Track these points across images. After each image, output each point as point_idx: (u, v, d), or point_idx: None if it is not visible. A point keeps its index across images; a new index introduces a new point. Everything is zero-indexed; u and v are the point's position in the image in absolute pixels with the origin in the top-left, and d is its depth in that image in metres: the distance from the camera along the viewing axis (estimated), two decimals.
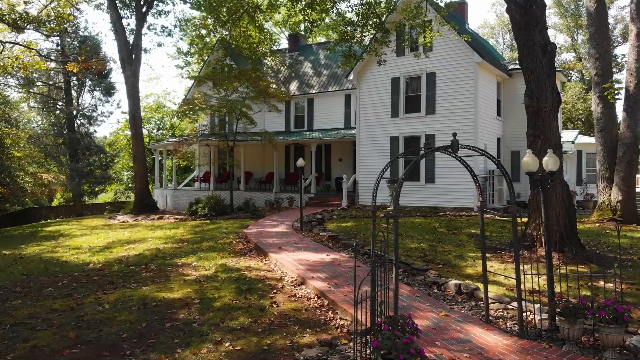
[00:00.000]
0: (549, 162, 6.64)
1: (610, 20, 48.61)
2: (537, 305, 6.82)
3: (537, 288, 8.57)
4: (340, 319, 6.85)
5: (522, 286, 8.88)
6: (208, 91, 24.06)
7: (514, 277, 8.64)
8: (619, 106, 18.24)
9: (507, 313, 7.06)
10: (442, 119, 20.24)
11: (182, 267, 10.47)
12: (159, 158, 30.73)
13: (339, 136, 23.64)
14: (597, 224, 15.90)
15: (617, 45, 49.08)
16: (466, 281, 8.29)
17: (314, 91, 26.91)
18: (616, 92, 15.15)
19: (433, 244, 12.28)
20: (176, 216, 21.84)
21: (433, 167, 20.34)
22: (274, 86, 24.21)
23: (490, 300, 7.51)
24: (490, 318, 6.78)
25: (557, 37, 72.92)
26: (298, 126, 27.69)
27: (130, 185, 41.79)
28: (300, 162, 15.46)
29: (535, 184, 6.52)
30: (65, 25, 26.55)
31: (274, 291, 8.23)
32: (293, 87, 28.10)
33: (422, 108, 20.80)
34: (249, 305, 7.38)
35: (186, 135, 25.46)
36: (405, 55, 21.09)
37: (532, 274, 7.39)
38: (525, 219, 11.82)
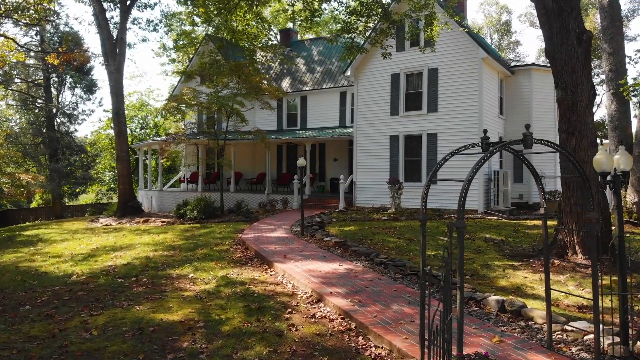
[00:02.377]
0: (621, 160, 5.67)
1: (598, 19, 48.26)
2: (601, 327, 5.86)
3: (584, 303, 7.64)
4: (375, 346, 5.78)
5: (567, 301, 7.95)
6: (197, 87, 22.86)
7: (559, 290, 7.68)
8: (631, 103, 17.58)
9: (567, 336, 6.07)
10: (445, 116, 19.31)
11: (177, 279, 9.31)
12: (143, 158, 29.40)
13: (335, 135, 22.56)
14: (613, 227, 15.08)
15: None
16: (510, 297, 7.29)
17: (307, 88, 25.82)
18: (631, 88, 14.37)
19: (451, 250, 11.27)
20: (163, 219, 20.61)
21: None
22: (265, 82, 23.05)
23: (542, 321, 6.53)
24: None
25: None
26: (290, 125, 26.58)
27: (112, 186, 40.28)
28: (302, 161, 14.36)
29: (608, 186, 5.52)
30: (45, 13, 25.05)
31: (289, 310, 7.13)
32: (285, 84, 26.99)
33: (423, 105, 19.84)
34: (263, 330, 6.27)
35: (173, 133, 24.15)
36: (405, 50, 20.12)
37: (606, 294, 6.37)
38: (538, 222, 10.90)
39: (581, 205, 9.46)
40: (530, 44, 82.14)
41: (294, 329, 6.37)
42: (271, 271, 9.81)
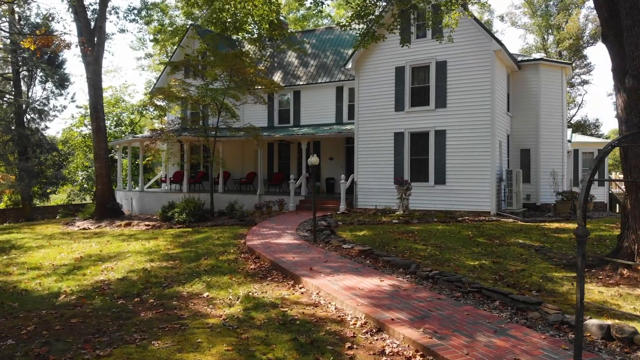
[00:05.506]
0: None
1: (581, 19, 48.19)
2: None
3: None
4: None
5: None
6: (185, 80, 21.16)
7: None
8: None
9: None
10: (455, 113, 18.08)
11: (190, 299, 7.77)
12: (122, 156, 27.53)
13: (334, 132, 21.12)
14: None
15: (587, 46, 48.57)
16: (616, 321, 6.01)
17: (300, 83, 24.34)
18: None
19: (494, 259, 10.00)
20: (147, 223, 18.92)
21: (444, 167, 18.16)
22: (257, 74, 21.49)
23: None
24: None
25: (528, 37, 72.95)
26: (283, 121, 25.07)
27: (85, 186, 38.15)
28: (314, 159, 12.89)
29: None
30: None
31: (348, 345, 5.67)
32: (276, 78, 25.44)
33: (431, 101, 18.58)
34: None
35: (158, 129, 22.36)
36: (411, 41, 18.81)
37: None
38: (559, 225, 9.70)
39: None
40: (512, 43, 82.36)
41: None
42: (300, 288, 8.34)
